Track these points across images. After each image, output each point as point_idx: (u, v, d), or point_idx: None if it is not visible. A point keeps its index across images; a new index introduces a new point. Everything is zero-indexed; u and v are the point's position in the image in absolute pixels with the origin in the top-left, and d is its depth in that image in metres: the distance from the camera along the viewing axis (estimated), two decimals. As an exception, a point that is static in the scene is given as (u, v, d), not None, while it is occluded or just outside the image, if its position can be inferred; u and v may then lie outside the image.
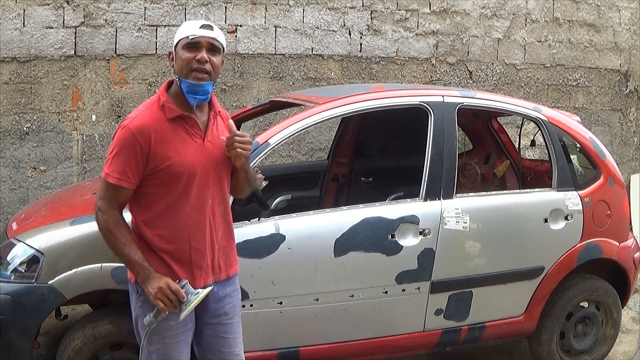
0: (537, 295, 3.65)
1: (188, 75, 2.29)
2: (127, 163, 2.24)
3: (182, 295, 2.23)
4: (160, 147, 2.26)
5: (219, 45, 2.34)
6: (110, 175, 2.25)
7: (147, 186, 2.29)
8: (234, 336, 2.52)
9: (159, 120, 2.28)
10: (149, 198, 2.31)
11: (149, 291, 2.23)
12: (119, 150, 2.25)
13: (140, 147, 2.23)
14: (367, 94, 3.56)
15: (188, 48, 2.29)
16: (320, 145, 5.89)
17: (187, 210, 2.32)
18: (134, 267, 2.26)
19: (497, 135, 4.50)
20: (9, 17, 5.16)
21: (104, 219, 2.27)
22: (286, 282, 3.15)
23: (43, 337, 3.78)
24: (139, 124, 2.26)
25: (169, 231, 2.32)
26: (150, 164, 2.26)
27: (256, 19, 5.68)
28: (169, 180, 2.28)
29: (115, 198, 2.28)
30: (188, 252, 2.34)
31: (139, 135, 2.23)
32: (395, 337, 3.40)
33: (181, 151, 2.29)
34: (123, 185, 2.25)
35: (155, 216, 2.31)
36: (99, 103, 5.41)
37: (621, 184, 3.93)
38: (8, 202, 5.28)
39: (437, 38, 6.20)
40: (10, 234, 3.21)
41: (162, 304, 2.22)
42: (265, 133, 3.26)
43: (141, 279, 2.26)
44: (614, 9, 6.94)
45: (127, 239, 2.27)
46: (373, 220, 3.26)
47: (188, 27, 2.33)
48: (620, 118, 7.13)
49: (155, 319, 2.25)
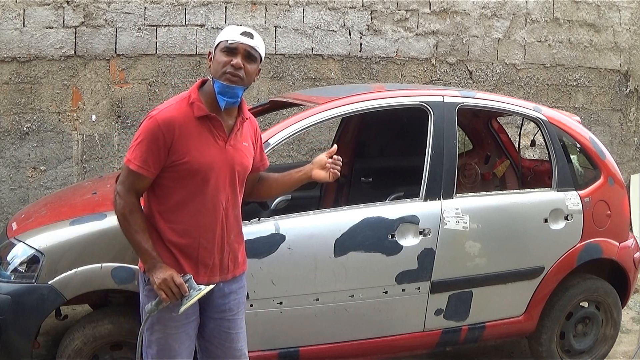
0: (537, 295, 3.65)
1: (221, 77, 2.34)
2: (149, 152, 2.29)
3: (184, 289, 2.28)
4: (183, 143, 2.31)
5: (255, 54, 2.40)
6: (131, 162, 2.30)
7: (164, 178, 2.34)
8: (237, 332, 2.56)
9: (186, 116, 2.33)
10: (165, 190, 2.36)
11: (154, 280, 2.28)
12: (143, 139, 2.30)
13: (163, 139, 2.28)
14: (367, 94, 3.56)
15: (226, 52, 2.35)
16: (320, 145, 5.89)
17: (200, 209, 2.37)
18: (143, 255, 2.32)
19: (497, 135, 4.50)
20: (9, 17, 5.16)
21: (121, 203, 2.32)
22: (286, 282, 3.15)
23: (43, 337, 3.78)
24: (166, 117, 2.31)
25: (181, 226, 2.36)
26: (171, 157, 2.31)
27: (256, 19, 5.68)
28: (184, 176, 2.33)
29: (134, 185, 2.33)
30: (196, 249, 2.39)
31: (164, 127, 2.28)
32: (395, 337, 3.40)
33: (201, 150, 2.34)
34: (143, 174, 2.30)
35: (170, 209, 2.36)
36: (99, 103, 5.41)
37: (621, 184, 3.93)
38: (8, 202, 5.28)
39: (437, 38, 6.20)
40: (10, 234, 3.21)
41: (164, 294, 2.27)
42: (265, 133, 3.26)
43: (148, 267, 2.31)
44: (614, 9, 6.94)
45: (140, 226, 2.32)
46: (373, 220, 3.26)
47: (230, 31, 2.39)
48: (620, 118, 7.13)
49: (157, 307, 2.30)
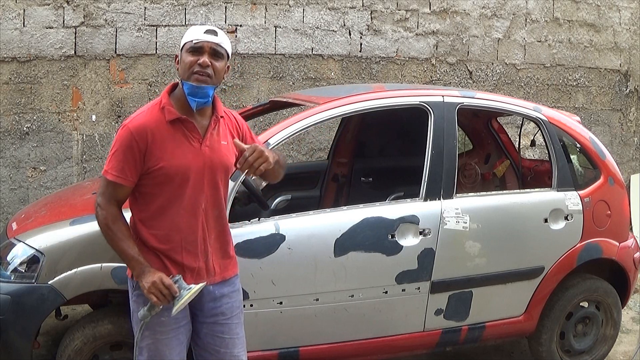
0: (537, 295, 3.65)
1: (189, 78, 2.32)
2: (125, 161, 2.29)
3: (174, 290, 2.25)
4: (156, 148, 2.30)
5: (222, 50, 2.36)
6: (109, 172, 2.31)
7: (143, 185, 2.34)
8: (231, 337, 2.51)
9: (158, 122, 2.33)
10: (145, 197, 2.36)
11: (143, 285, 2.26)
12: (118, 149, 2.30)
13: (137, 146, 2.28)
14: (367, 94, 3.56)
15: (191, 52, 2.33)
16: (320, 145, 5.89)
17: (180, 213, 2.36)
18: (130, 261, 2.31)
19: (497, 135, 4.50)
20: (9, 17, 5.16)
21: (102, 214, 2.32)
22: (286, 282, 3.15)
23: (43, 337, 3.78)
24: (138, 124, 2.31)
25: (162, 231, 2.36)
26: (146, 164, 2.31)
27: (256, 19, 5.68)
28: (161, 182, 2.33)
29: (114, 195, 2.33)
30: (180, 253, 2.37)
31: (137, 134, 2.28)
32: (395, 337, 3.40)
33: (176, 154, 2.32)
34: (121, 183, 2.30)
35: (151, 215, 2.36)
36: (99, 103, 5.41)
37: (621, 184, 3.93)
38: (8, 202, 5.28)
39: (437, 38, 6.20)
40: (10, 234, 3.21)
41: (155, 298, 2.24)
42: (265, 133, 3.26)
43: (136, 273, 2.30)
44: (614, 9, 6.94)
45: (124, 234, 2.32)
46: (373, 220, 3.26)
47: (193, 31, 2.37)
48: (620, 118, 7.13)
49: (149, 312, 2.29)
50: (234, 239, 3.03)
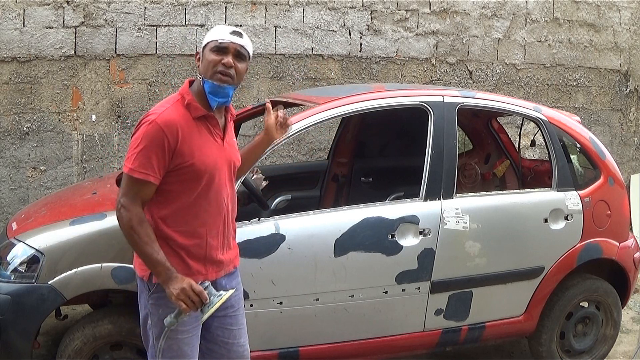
0: (537, 295, 3.65)
1: (212, 77, 2.32)
2: (155, 158, 2.23)
3: (205, 297, 2.24)
4: (186, 145, 2.28)
5: (245, 52, 2.39)
6: (135, 170, 2.23)
7: (167, 183, 2.30)
8: (238, 327, 2.57)
9: (185, 118, 2.31)
10: (168, 195, 2.32)
11: (171, 292, 2.22)
12: (147, 145, 2.23)
13: (168, 143, 2.23)
14: (367, 94, 3.56)
15: (216, 51, 2.33)
16: (320, 145, 5.89)
17: (206, 208, 2.36)
18: (156, 266, 2.25)
19: (497, 135, 4.50)
20: (9, 17, 5.16)
21: (127, 216, 2.24)
22: (286, 282, 3.15)
23: (43, 337, 3.78)
24: (168, 119, 2.25)
25: (187, 228, 2.35)
26: (175, 160, 2.27)
27: (256, 19, 5.68)
28: (190, 178, 2.31)
29: (139, 194, 2.26)
30: (204, 248, 2.38)
31: (168, 130, 2.23)
32: (395, 337, 3.40)
33: (204, 150, 2.33)
34: (150, 180, 2.24)
35: (174, 213, 2.33)
36: (99, 103, 5.41)
37: (621, 184, 3.93)
38: (8, 202, 5.28)
39: (437, 38, 6.20)
40: (10, 234, 3.21)
41: (184, 305, 2.21)
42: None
43: (163, 279, 2.25)
44: (614, 9, 6.94)
45: (150, 237, 2.25)
46: (373, 220, 3.26)
47: (219, 31, 2.38)
48: (620, 118, 7.13)
49: (177, 320, 2.25)
50: (234, 239, 3.05)
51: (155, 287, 2.33)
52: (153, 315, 2.38)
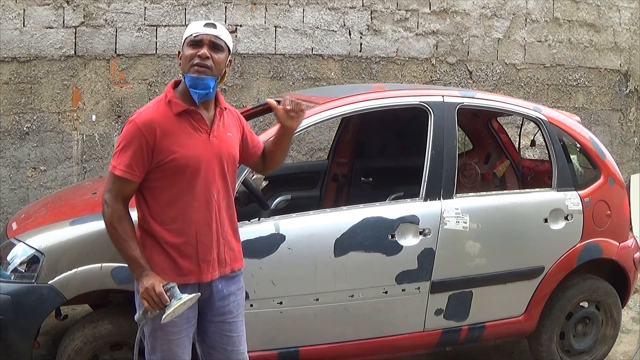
0: (537, 295, 3.65)
1: (189, 70, 2.35)
2: (133, 156, 2.29)
3: (164, 299, 2.24)
4: (166, 141, 2.31)
5: (221, 42, 2.40)
6: (116, 168, 2.31)
7: (152, 180, 2.35)
8: (238, 335, 2.55)
9: (165, 116, 2.35)
10: (154, 191, 2.36)
11: (139, 289, 2.28)
12: (126, 144, 2.31)
13: (145, 141, 2.29)
14: (367, 94, 3.56)
15: (191, 45, 2.37)
16: (320, 145, 5.89)
17: (193, 205, 2.37)
18: (131, 263, 2.31)
19: (497, 135, 4.50)
20: (9, 17, 5.16)
21: (108, 212, 2.32)
22: (286, 282, 3.15)
23: (43, 337, 3.78)
24: (146, 119, 2.32)
25: (175, 225, 2.36)
26: (156, 158, 2.31)
27: (256, 19, 5.68)
28: (173, 173, 2.33)
29: (121, 191, 2.33)
30: (195, 246, 2.38)
31: (145, 129, 2.30)
32: (395, 337, 3.40)
33: (186, 145, 2.34)
34: (128, 178, 2.31)
35: (161, 210, 2.36)
36: (99, 103, 5.41)
37: (621, 184, 3.93)
38: (8, 202, 5.28)
39: (437, 38, 6.20)
40: (10, 234, 3.21)
41: (146, 303, 2.26)
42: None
43: (136, 276, 2.32)
44: (614, 9, 6.94)
45: (128, 234, 2.31)
46: (373, 220, 3.26)
47: (193, 26, 2.42)
48: (620, 118, 7.13)
49: (144, 316, 2.29)
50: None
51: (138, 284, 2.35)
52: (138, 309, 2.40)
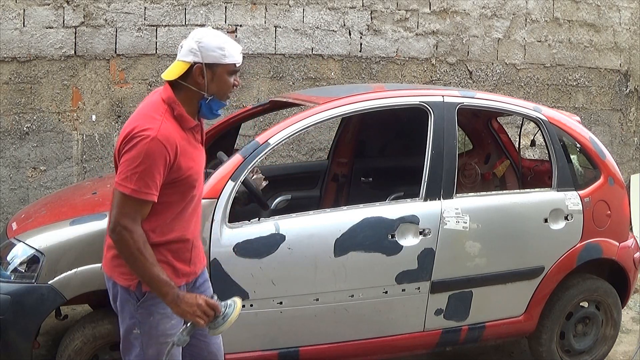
0: (537, 295, 3.65)
1: (223, 98, 2.33)
2: (158, 175, 2.16)
3: (219, 310, 2.25)
4: (183, 158, 2.25)
5: None
6: (140, 192, 2.14)
7: (162, 195, 2.22)
8: None
9: (177, 130, 2.26)
10: (159, 206, 2.25)
11: (185, 310, 2.20)
12: (150, 164, 2.14)
13: (169, 159, 2.18)
14: (367, 94, 3.56)
15: (233, 74, 2.32)
16: (320, 145, 5.89)
17: (192, 213, 2.39)
18: (163, 287, 2.20)
19: (497, 135, 4.50)
20: (9, 17, 5.16)
21: (132, 238, 2.16)
22: (286, 282, 3.15)
23: (43, 337, 3.78)
24: (167, 135, 2.19)
25: (176, 234, 2.34)
26: (172, 174, 2.22)
27: (256, 19, 5.68)
28: (185, 189, 2.30)
29: (140, 214, 2.20)
30: (190, 250, 2.40)
31: (169, 146, 2.18)
32: (395, 337, 3.40)
33: (195, 160, 2.34)
34: (153, 200, 2.19)
35: (164, 223, 2.29)
36: (99, 103, 5.41)
37: (621, 184, 3.93)
38: (8, 202, 5.28)
39: (437, 38, 6.20)
40: (10, 234, 3.21)
41: (202, 321, 2.21)
42: (265, 133, 3.26)
43: (170, 298, 2.20)
44: (614, 9, 6.94)
45: (154, 257, 2.20)
46: (373, 220, 3.26)
47: (234, 51, 2.30)
48: (620, 118, 7.13)
49: (188, 337, 2.25)
50: (234, 238, 3.06)
51: (145, 296, 2.29)
52: (143, 324, 2.33)
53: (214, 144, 4.13)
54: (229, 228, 3.05)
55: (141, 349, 2.36)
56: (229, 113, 4.75)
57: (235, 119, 4.30)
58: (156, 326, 2.33)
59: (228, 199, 3.05)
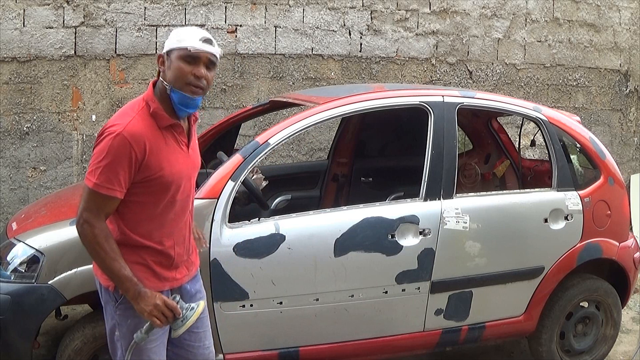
0: (537, 295, 3.65)
1: (182, 88, 2.21)
2: (122, 172, 2.13)
3: (178, 312, 2.22)
4: (154, 157, 2.18)
5: (215, 60, 2.28)
6: (101, 186, 2.14)
7: (133, 194, 2.21)
8: (204, 330, 2.54)
9: (151, 128, 2.21)
10: (133, 206, 2.24)
11: (142, 308, 2.18)
12: (113, 159, 2.12)
13: (135, 156, 2.14)
14: (367, 94, 3.56)
15: (187, 61, 2.20)
16: (320, 145, 5.89)
17: (172, 218, 2.32)
18: (125, 282, 2.18)
19: (497, 135, 4.50)
20: (9, 17, 5.16)
21: (91, 231, 2.17)
22: (286, 282, 3.15)
23: (43, 337, 3.78)
24: (135, 132, 2.15)
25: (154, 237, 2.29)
26: (142, 173, 2.18)
27: (256, 19, 5.68)
28: (158, 190, 2.24)
29: (104, 209, 2.18)
30: (172, 255, 2.35)
31: (135, 143, 2.13)
32: (395, 337, 3.40)
33: (172, 161, 2.25)
34: (115, 196, 2.16)
35: (140, 223, 2.27)
36: (99, 103, 5.41)
37: (621, 184, 3.93)
38: (8, 202, 5.28)
39: (437, 38, 6.20)
40: (10, 234, 3.21)
41: (158, 321, 2.19)
42: (265, 133, 3.26)
43: (132, 295, 2.19)
44: (614, 9, 6.94)
45: (116, 252, 2.18)
46: (373, 220, 3.26)
47: (189, 37, 2.21)
48: (620, 118, 7.13)
49: (147, 335, 2.24)
50: (234, 238, 3.06)
51: (122, 297, 2.27)
52: (121, 327, 2.32)
53: (214, 144, 4.13)
54: (229, 228, 3.05)
55: (122, 351, 2.34)
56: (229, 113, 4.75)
57: (235, 119, 4.30)
58: (133, 329, 2.28)
59: (228, 199, 3.05)
